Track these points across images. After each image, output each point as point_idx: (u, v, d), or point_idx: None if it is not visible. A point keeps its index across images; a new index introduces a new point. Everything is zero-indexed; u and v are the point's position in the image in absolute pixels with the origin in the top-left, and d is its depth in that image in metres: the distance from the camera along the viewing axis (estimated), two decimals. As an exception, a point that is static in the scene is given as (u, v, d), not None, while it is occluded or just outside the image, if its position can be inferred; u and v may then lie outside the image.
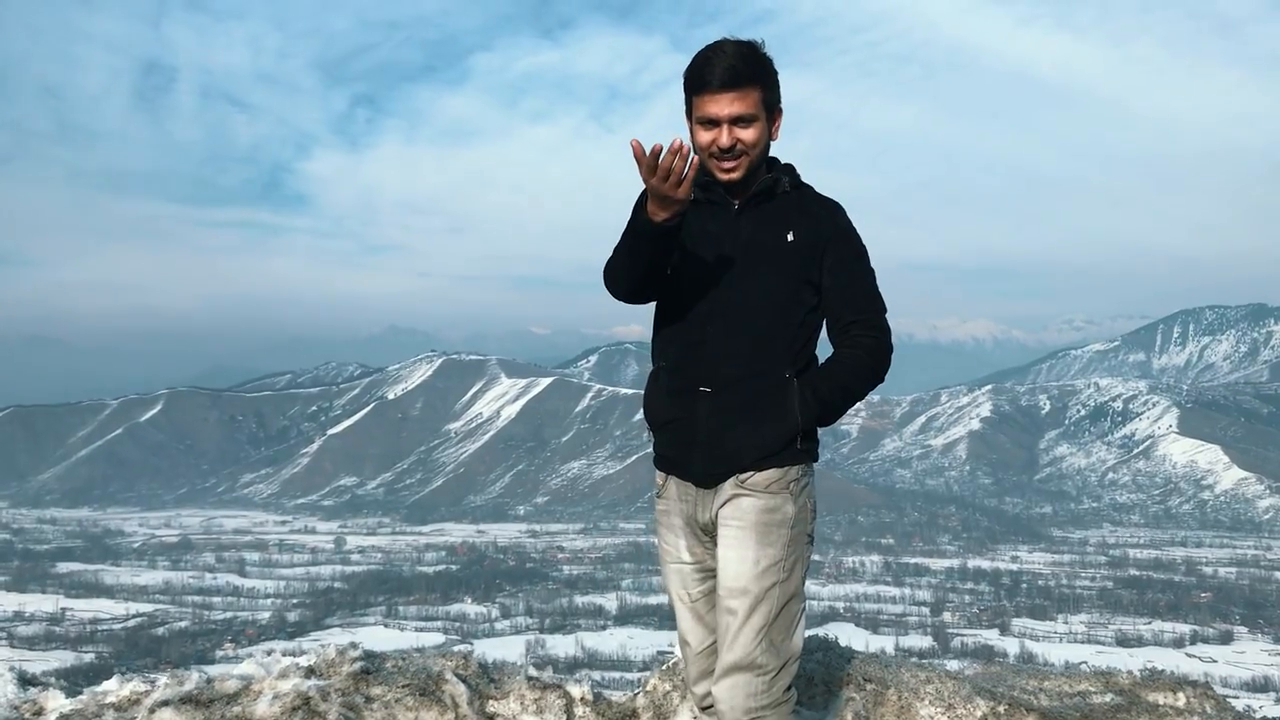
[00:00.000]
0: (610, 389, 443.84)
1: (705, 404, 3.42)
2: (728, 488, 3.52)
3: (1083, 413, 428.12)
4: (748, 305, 3.33)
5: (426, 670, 4.47)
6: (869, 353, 3.32)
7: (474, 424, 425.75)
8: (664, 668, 4.81)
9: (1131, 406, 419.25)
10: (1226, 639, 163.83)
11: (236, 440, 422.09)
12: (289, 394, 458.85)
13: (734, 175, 3.30)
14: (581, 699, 4.67)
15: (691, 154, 3.14)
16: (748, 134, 3.22)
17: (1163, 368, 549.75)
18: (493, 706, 4.46)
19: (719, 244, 3.35)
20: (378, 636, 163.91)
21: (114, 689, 4.36)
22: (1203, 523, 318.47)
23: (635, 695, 4.91)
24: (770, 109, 3.30)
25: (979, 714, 4.82)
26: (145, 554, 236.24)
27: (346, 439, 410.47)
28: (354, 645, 4.68)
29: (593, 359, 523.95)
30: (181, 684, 4.23)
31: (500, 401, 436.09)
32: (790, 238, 3.31)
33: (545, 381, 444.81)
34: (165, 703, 4.04)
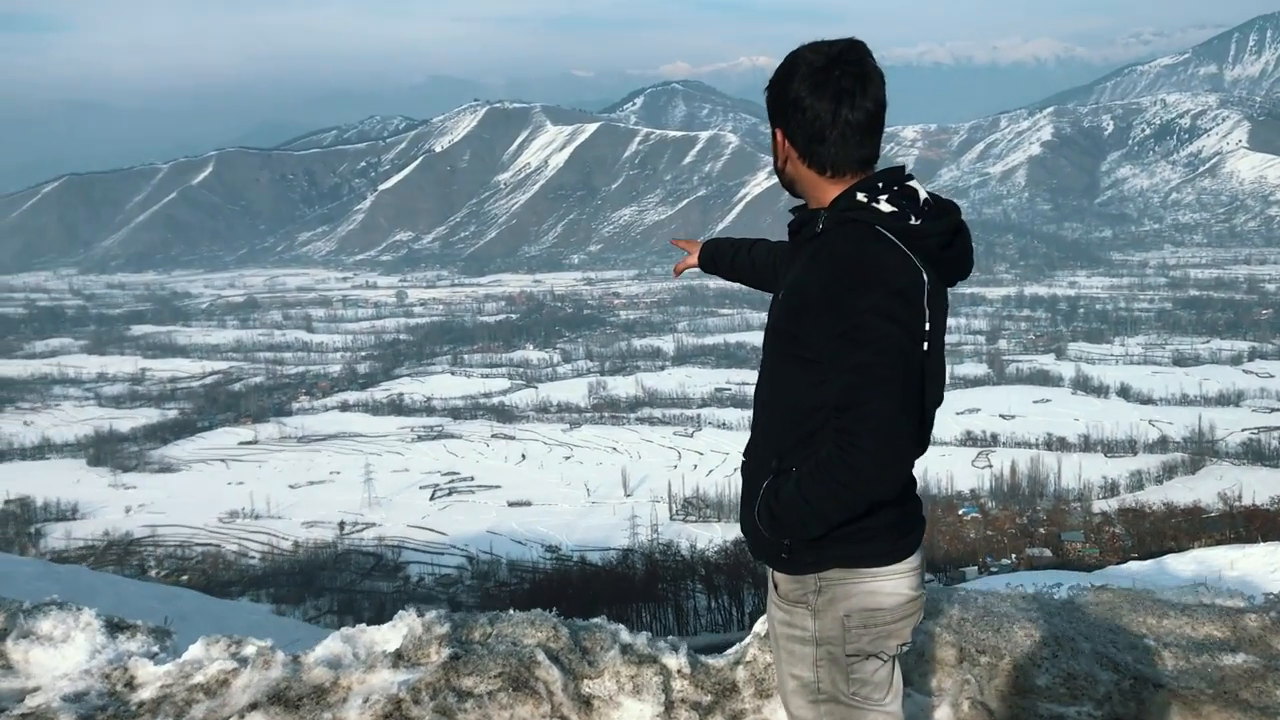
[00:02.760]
0: (658, 132, 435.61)
1: (748, 457, 3.03)
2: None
3: (1147, 131, 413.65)
4: (762, 376, 2.92)
5: (517, 653, 4.40)
6: (821, 465, 2.54)
7: (523, 174, 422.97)
8: (762, 637, 4.61)
9: (1200, 123, 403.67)
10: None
11: (290, 199, 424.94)
12: (337, 150, 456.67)
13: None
14: (678, 671, 4.57)
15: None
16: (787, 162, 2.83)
17: (1235, 79, 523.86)
18: (588, 688, 4.34)
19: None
20: (446, 384, 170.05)
21: (200, 657, 4.22)
22: (1269, 240, 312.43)
23: (734, 665, 4.74)
24: (772, 127, 2.77)
25: (1101, 691, 4.45)
26: (214, 314, 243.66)
27: (398, 194, 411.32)
28: (440, 618, 4.54)
29: (639, 101, 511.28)
30: (268, 667, 4.19)
31: (547, 150, 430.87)
32: (781, 296, 2.77)
33: (592, 127, 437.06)
34: (254, 706, 4.01)
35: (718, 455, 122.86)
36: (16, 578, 5.38)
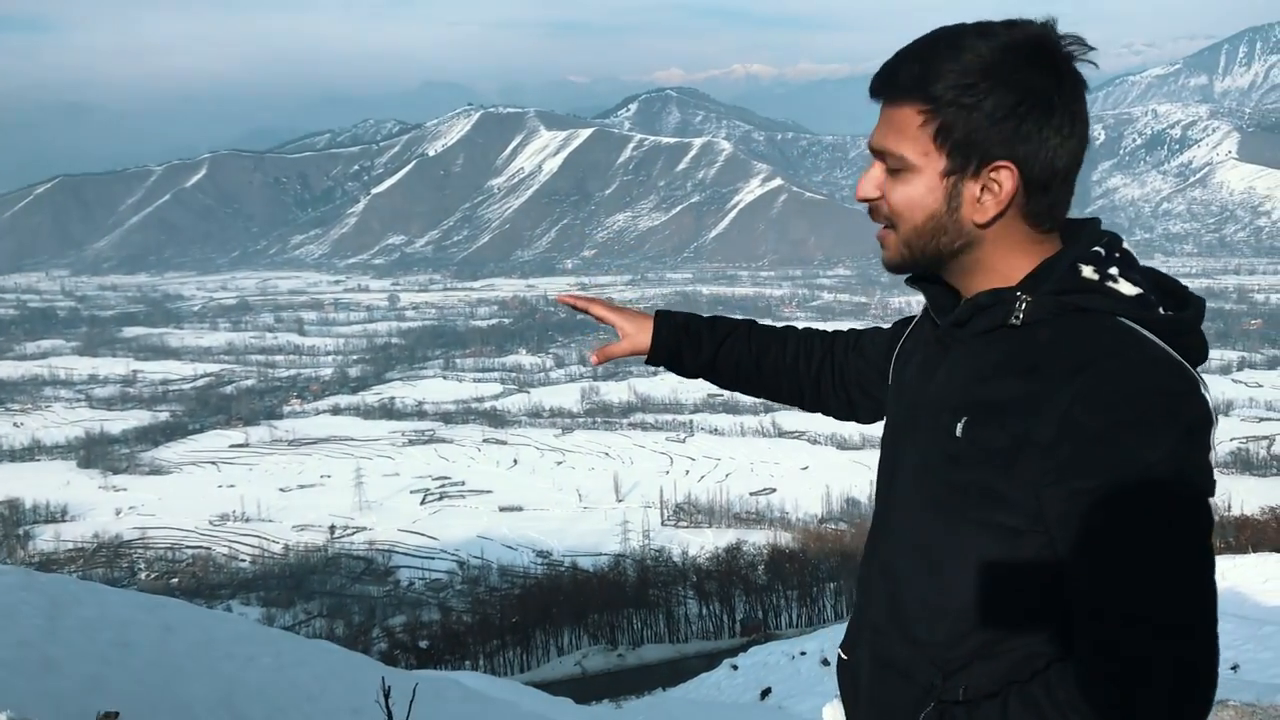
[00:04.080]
0: (652, 138, 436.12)
1: (866, 649, 1.79)
2: None
3: (1138, 141, 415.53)
4: (898, 533, 1.72)
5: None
6: (1064, 707, 1.42)
7: (516, 179, 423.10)
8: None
9: (1190, 133, 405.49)
10: (1274, 364, 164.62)
11: (283, 202, 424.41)
12: (330, 154, 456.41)
13: (886, 257, 1.77)
14: None
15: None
16: (896, 192, 1.65)
17: (1225, 90, 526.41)
18: None
19: (897, 400, 1.83)
20: (438, 388, 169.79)
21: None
22: (1257, 250, 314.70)
23: None
24: (956, 156, 1.55)
25: None
26: (206, 316, 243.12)
27: (391, 197, 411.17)
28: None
29: (633, 107, 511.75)
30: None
31: (541, 155, 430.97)
32: (959, 429, 1.57)
33: (586, 133, 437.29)
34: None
35: (709, 461, 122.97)
36: (-1, 587, 5.29)
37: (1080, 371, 1.40)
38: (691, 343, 2.21)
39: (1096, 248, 1.56)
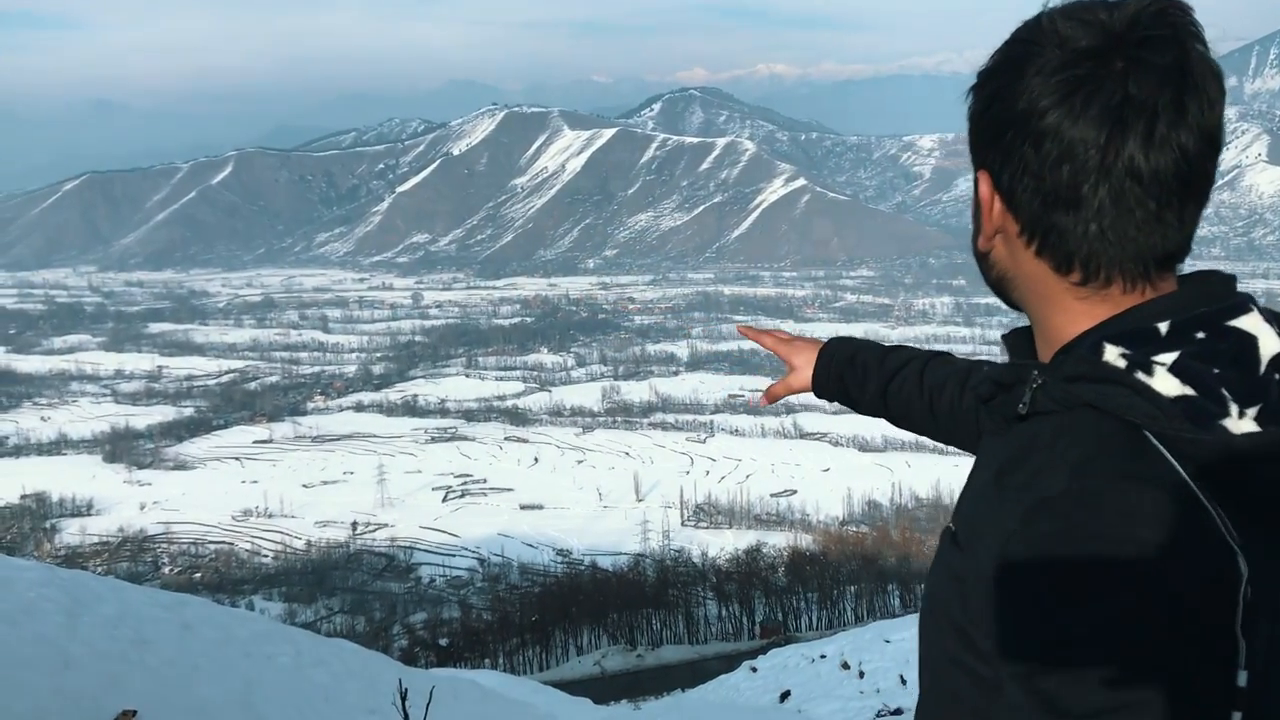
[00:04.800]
0: (675, 138, 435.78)
1: None
2: None
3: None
4: (923, 692, 1.37)
5: None
6: None
7: (539, 178, 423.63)
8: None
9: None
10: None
11: (308, 200, 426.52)
12: (355, 152, 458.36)
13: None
14: None
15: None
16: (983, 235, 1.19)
17: (1255, 93, 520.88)
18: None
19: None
20: (460, 386, 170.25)
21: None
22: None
23: None
24: (991, 165, 1.14)
25: None
26: (231, 313, 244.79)
27: (416, 196, 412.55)
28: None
29: (656, 107, 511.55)
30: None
31: (565, 154, 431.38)
32: (954, 529, 1.27)
33: (609, 132, 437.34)
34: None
35: (730, 462, 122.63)
36: (17, 583, 5.29)
37: (1039, 498, 0.99)
38: (856, 376, 1.86)
39: (1153, 321, 1.03)
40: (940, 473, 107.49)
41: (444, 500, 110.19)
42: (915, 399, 1.75)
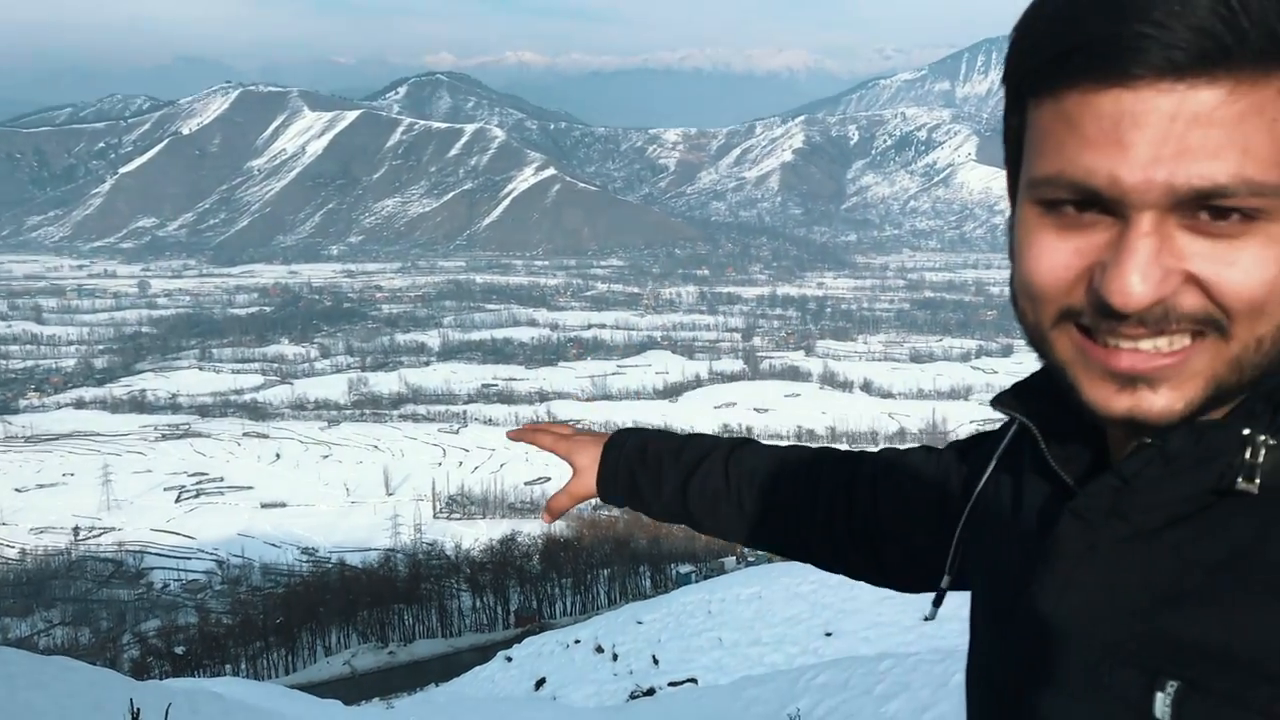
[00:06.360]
0: (423, 123, 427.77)
1: None
2: None
3: (889, 142, 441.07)
4: None
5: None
6: None
7: (278, 160, 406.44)
8: None
9: (935, 135, 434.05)
10: (1007, 352, 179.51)
11: (17, 180, 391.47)
12: (71, 129, 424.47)
13: (1147, 410, 0.70)
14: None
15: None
16: (1246, 263, 0.65)
17: (966, 96, 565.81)
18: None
19: (995, 592, 0.95)
20: (194, 380, 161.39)
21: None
22: (993, 246, 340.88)
23: None
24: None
25: None
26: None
27: (141, 177, 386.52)
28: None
29: (402, 90, 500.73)
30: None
31: (305, 136, 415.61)
32: (1162, 705, 0.67)
33: (352, 115, 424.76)
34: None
35: (483, 452, 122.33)
36: None
37: None
38: (649, 474, 1.47)
39: None
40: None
41: (177, 501, 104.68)
42: (723, 496, 1.42)
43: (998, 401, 0.88)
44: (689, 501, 1.43)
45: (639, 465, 1.47)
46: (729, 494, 1.40)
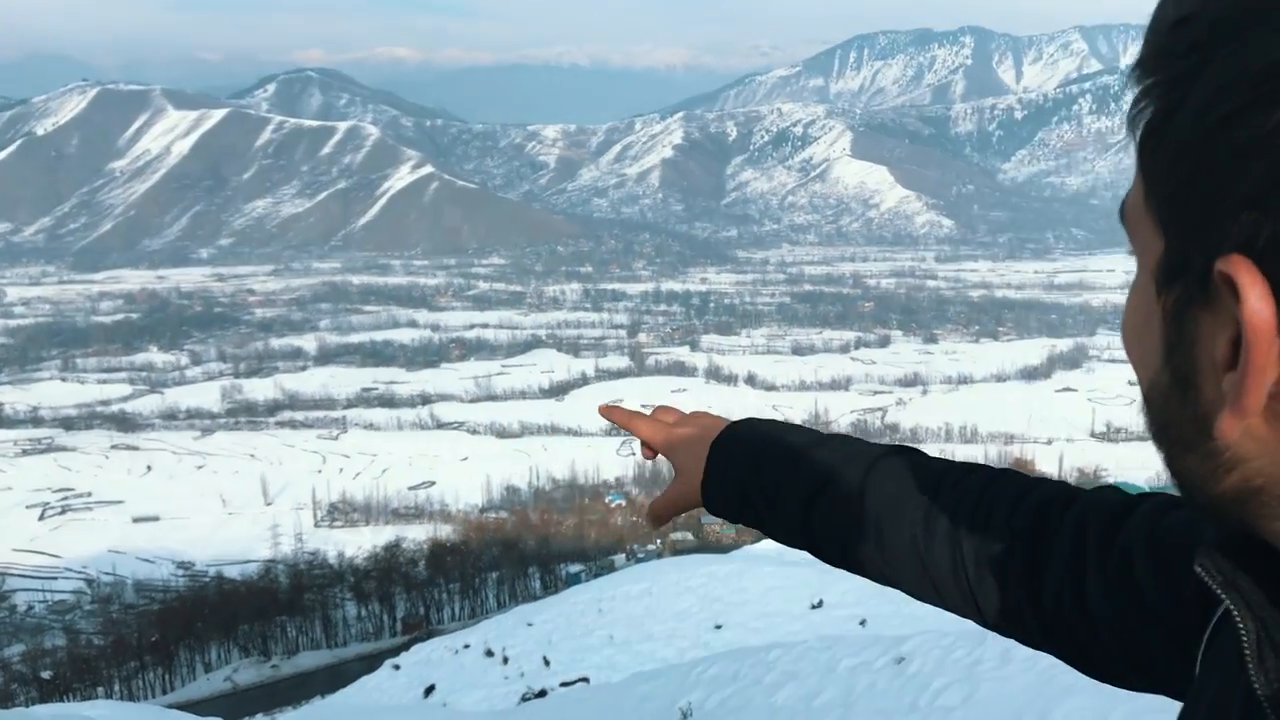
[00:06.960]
0: (293, 121, 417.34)
1: None
2: None
3: (766, 138, 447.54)
4: None
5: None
6: None
7: (141, 162, 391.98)
8: None
9: (810, 131, 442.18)
10: (885, 342, 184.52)
11: None
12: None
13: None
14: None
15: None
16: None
17: (839, 92, 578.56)
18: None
19: None
20: (56, 391, 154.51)
21: None
22: (869, 239, 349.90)
23: None
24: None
25: None
26: None
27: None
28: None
29: (271, 88, 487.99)
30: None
31: (170, 136, 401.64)
32: None
33: (220, 113, 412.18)
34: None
35: (365, 457, 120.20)
36: None
37: None
38: (763, 488, 1.12)
39: None
40: (575, 453, 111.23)
41: (41, 519, 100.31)
42: (855, 529, 1.05)
43: (1203, 567, 0.57)
44: (814, 530, 1.08)
45: (750, 474, 1.12)
46: (866, 529, 1.03)
